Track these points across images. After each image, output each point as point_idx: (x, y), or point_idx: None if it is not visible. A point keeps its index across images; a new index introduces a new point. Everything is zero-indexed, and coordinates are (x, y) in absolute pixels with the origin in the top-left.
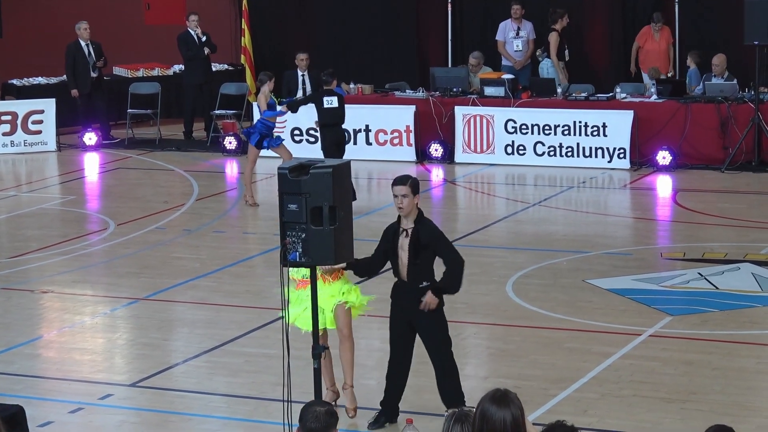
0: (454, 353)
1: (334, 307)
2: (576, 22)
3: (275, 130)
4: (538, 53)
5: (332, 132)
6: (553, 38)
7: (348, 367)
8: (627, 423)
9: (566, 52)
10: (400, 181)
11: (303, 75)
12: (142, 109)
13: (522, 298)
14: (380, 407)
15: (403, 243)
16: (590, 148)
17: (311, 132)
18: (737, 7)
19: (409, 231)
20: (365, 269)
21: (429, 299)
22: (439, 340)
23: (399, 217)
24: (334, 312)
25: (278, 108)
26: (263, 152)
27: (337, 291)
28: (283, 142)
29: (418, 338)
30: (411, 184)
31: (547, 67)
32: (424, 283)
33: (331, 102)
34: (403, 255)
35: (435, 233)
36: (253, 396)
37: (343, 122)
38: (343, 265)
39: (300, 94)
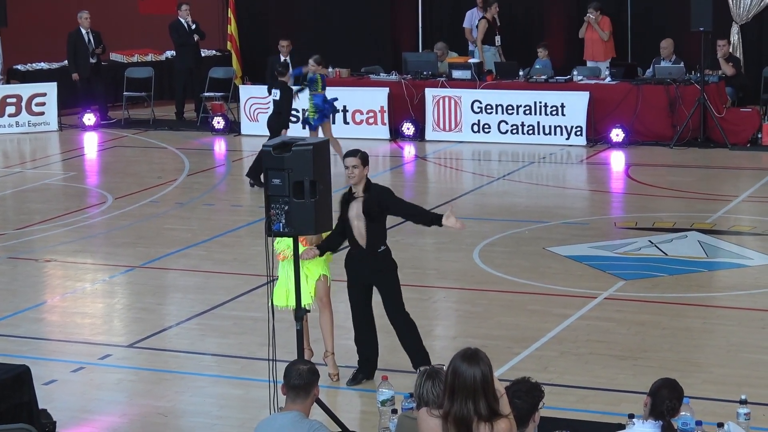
0: (426, 316)
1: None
2: (538, 12)
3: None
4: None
5: (270, 120)
6: (482, 25)
7: (328, 334)
8: (584, 378)
9: (497, 38)
10: (351, 153)
11: (286, 60)
12: (137, 91)
13: (488, 264)
14: (357, 366)
15: (358, 211)
16: (550, 126)
17: (293, 112)
18: None
19: (361, 199)
20: (333, 244)
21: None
22: (398, 300)
23: (350, 187)
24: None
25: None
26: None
27: (313, 270)
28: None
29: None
30: (360, 156)
31: (477, 53)
32: (382, 248)
33: (275, 94)
34: (359, 223)
35: (385, 193)
36: (241, 355)
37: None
38: (317, 252)
39: None
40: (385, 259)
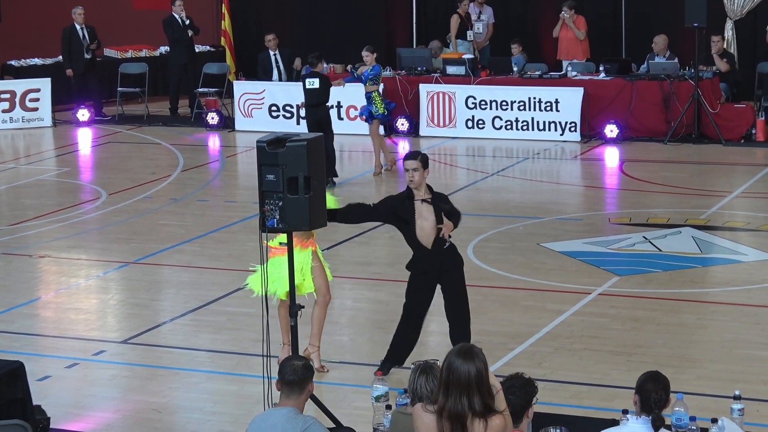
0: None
1: (310, 270)
2: (533, 9)
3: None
4: (448, 37)
5: (311, 112)
6: (454, 20)
7: (317, 327)
8: (578, 374)
9: (469, 32)
10: (411, 156)
11: (275, 54)
12: (131, 87)
13: (482, 260)
14: (387, 357)
15: (426, 213)
16: (544, 122)
17: (287, 108)
18: None
19: (430, 200)
20: (353, 216)
21: (449, 225)
22: (464, 293)
23: (408, 189)
24: (312, 276)
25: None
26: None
27: (308, 258)
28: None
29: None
30: (421, 159)
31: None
32: (449, 241)
33: (312, 83)
34: (426, 224)
35: (443, 198)
36: (235, 351)
37: (324, 102)
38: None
39: (275, 73)
40: (454, 253)
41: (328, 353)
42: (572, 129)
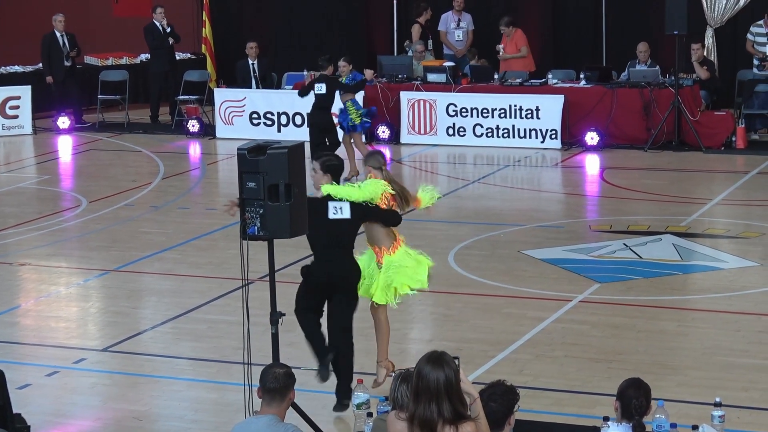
0: (401, 319)
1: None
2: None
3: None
4: (405, 44)
5: (318, 116)
6: (415, 29)
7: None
8: (559, 381)
9: (429, 41)
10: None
11: (253, 63)
12: (112, 95)
13: (463, 267)
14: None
15: None
16: (525, 129)
17: (268, 115)
18: (659, 0)
19: None
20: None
21: None
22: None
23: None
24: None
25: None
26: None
27: (390, 268)
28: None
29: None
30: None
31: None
32: None
33: (320, 88)
34: None
35: None
36: (216, 359)
37: (330, 107)
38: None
39: (253, 82)
40: None
41: (309, 360)
42: (553, 136)
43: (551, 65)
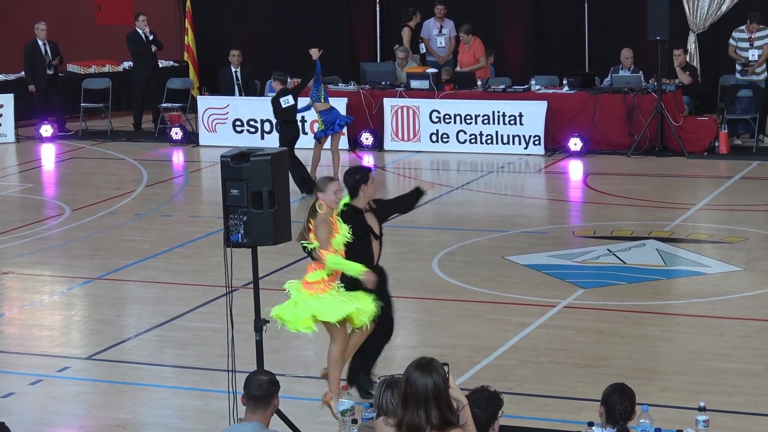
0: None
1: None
2: (495, 22)
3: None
4: (395, 47)
5: (289, 129)
6: (405, 33)
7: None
8: (543, 387)
9: (420, 45)
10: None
11: (236, 71)
12: (95, 103)
13: (447, 273)
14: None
15: (376, 225)
16: (508, 135)
17: (251, 123)
18: (641, 5)
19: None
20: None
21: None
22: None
23: (353, 206)
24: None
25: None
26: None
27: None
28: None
29: None
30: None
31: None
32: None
33: (287, 101)
34: (376, 240)
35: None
36: (200, 367)
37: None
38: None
39: (236, 89)
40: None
41: (293, 367)
42: (536, 142)
43: (534, 71)
